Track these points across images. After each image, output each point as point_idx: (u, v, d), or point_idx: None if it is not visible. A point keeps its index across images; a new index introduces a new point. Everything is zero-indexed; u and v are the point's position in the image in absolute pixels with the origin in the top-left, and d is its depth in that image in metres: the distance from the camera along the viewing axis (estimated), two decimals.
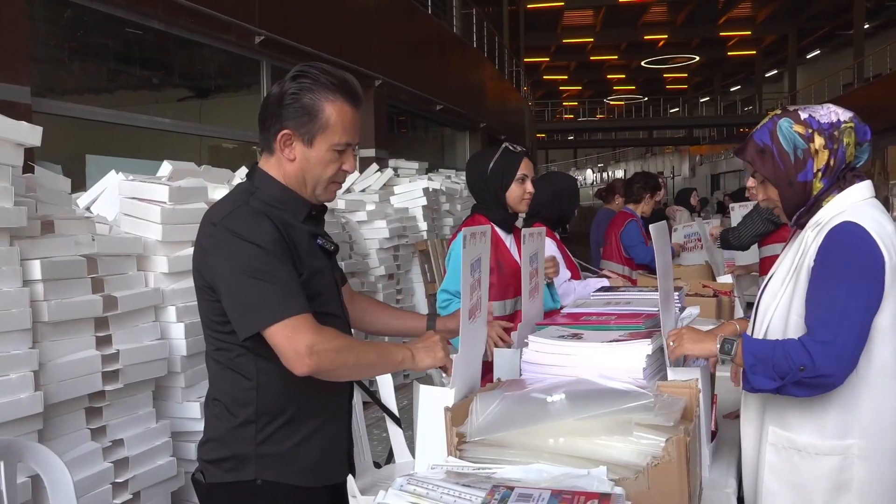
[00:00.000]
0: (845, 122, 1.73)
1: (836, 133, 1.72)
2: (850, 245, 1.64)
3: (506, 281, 2.74)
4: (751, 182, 1.88)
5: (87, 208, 3.83)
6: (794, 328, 1.71)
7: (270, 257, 1.52)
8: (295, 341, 1.48)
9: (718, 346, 1.72)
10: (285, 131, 1.64)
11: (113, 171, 3.90)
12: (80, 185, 4.49)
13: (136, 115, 6.09)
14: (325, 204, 1.77)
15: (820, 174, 1.73)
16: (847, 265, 1.63)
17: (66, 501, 1.98)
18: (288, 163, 1.66)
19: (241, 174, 4.16)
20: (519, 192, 2.79)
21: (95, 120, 5.62)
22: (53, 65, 5.61)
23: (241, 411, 1.61)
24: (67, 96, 5.67)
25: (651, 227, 1.86)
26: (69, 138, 5.85)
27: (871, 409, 1.65)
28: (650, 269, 5.44)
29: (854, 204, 1.71)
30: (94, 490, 2.79)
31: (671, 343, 1.78)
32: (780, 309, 1.75)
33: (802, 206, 1.76)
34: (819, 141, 1.72)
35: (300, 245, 1.63)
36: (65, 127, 5.54)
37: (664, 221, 2.08)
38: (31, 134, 2.67)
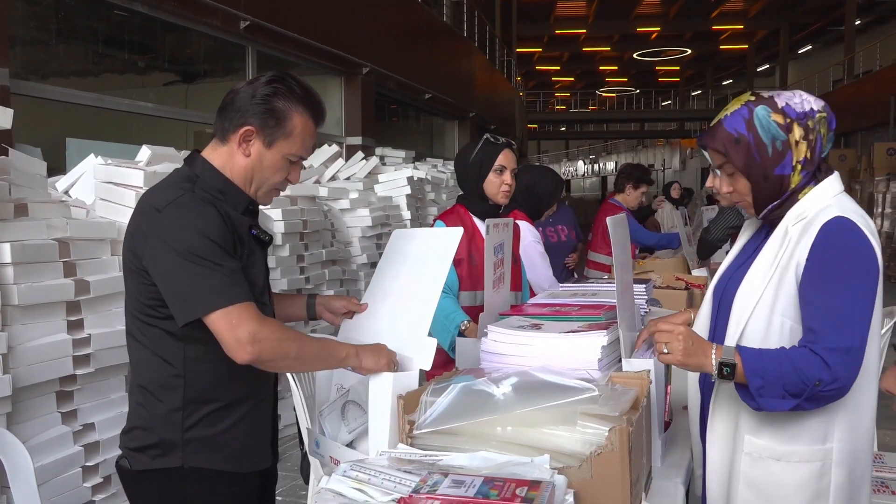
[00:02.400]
0: (819, 111, 1.63)
1: (810, 123, 1.62)
2: (851, 243, 1.55)
3: (478, 272, 2.75)
4: (710, 181, 1.80)
5: (66, 192, 3.81)
6: (777, 330, 1.61)
7: (216, 246, 1.53)
8: (238, 329, 1.49)
9: (715, 370, 1.56)
10: (249, 127, 1.66)
11: (92, 155, 3.88)
12: (61, 168, 4.46)
13: (118, 99, 6.04)
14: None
15: (799, 167, 1.62)
16: (851, 264, 1.54)
17: (26, 486, 1.98)
18: (242, 157, 1.68)
19: None
20: (496, 183, 2.80)
21: (77, 103, 5.58)
22: (35, 47, 5.56)
23: (167, 397, 1.60)
24: (49, 79, 5.62)
25: (608, 219, 1.87)
26: (51, 121, 5.81)
27: (851, 410, 1.60)
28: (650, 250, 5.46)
29: (835, 197, 1.63)
30: (63, 473, 2.80)
31: (663, 348, 1.58)
32: (762, 309, 1.62)
33: (776, 201, 1.64)
34: (798, 132, 1.61)
35: (241, 235, 1.64)
36: (46, 110, 5.50)
37: (622, 214, 2.08)
38: (1, 117, 2.66)
